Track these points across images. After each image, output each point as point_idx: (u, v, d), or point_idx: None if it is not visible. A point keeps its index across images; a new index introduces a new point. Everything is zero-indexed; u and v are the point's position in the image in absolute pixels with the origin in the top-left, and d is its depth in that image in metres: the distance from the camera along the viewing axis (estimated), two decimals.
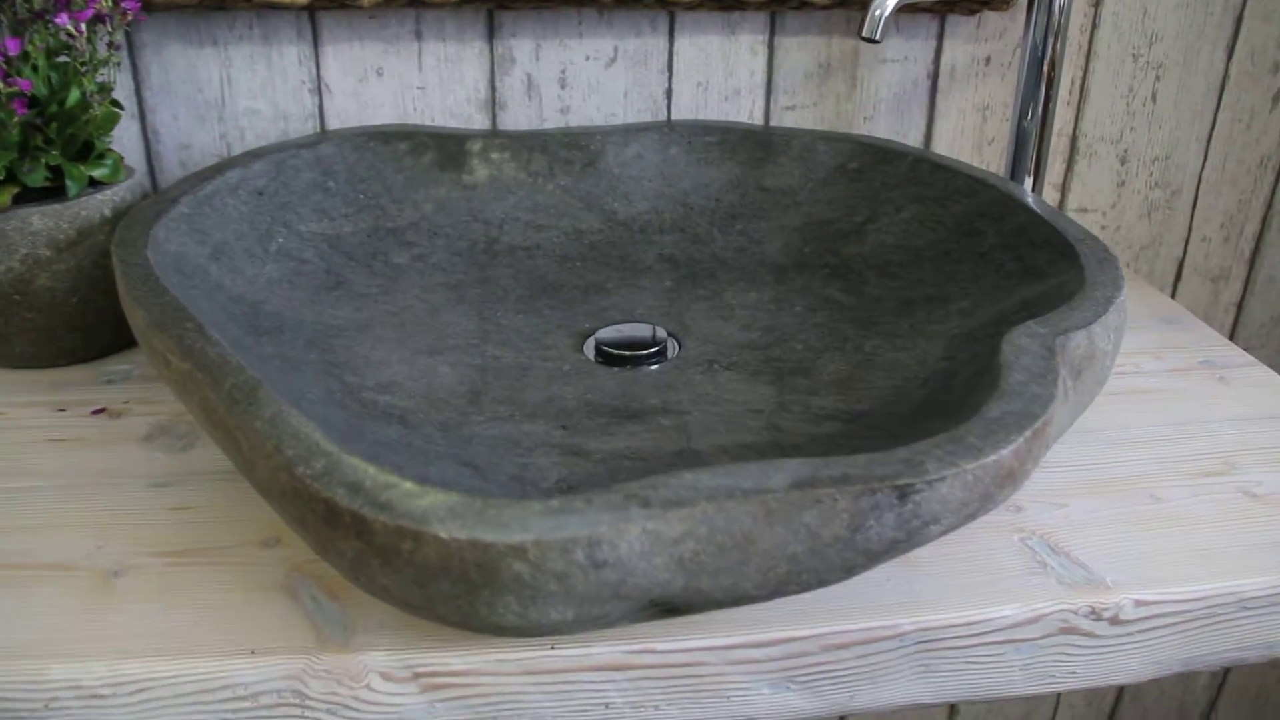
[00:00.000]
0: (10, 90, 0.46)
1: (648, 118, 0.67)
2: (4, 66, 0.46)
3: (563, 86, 0.65)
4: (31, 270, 0.50)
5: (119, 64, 0.53)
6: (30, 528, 0.42)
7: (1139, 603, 0.39)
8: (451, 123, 0.65)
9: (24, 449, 0.47)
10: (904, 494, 0.30)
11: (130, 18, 0.50)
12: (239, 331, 0.44)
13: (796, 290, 0.55)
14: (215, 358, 0.35)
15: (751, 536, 0.29)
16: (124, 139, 0.62)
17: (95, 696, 0.35)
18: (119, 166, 0.53)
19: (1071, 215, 0.74)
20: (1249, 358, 0.58)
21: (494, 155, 0.61)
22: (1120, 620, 0.39)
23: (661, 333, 0.51)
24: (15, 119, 0.47)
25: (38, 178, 0.49)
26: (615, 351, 0.49)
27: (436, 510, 0.28)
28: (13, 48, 0.46)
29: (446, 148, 0.61)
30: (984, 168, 0.71)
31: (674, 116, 0.67)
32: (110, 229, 0.52)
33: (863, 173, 0.61)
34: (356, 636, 0.36)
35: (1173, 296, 0.78)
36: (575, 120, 0.66)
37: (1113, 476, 0.47)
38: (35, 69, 0.49)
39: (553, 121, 0.66)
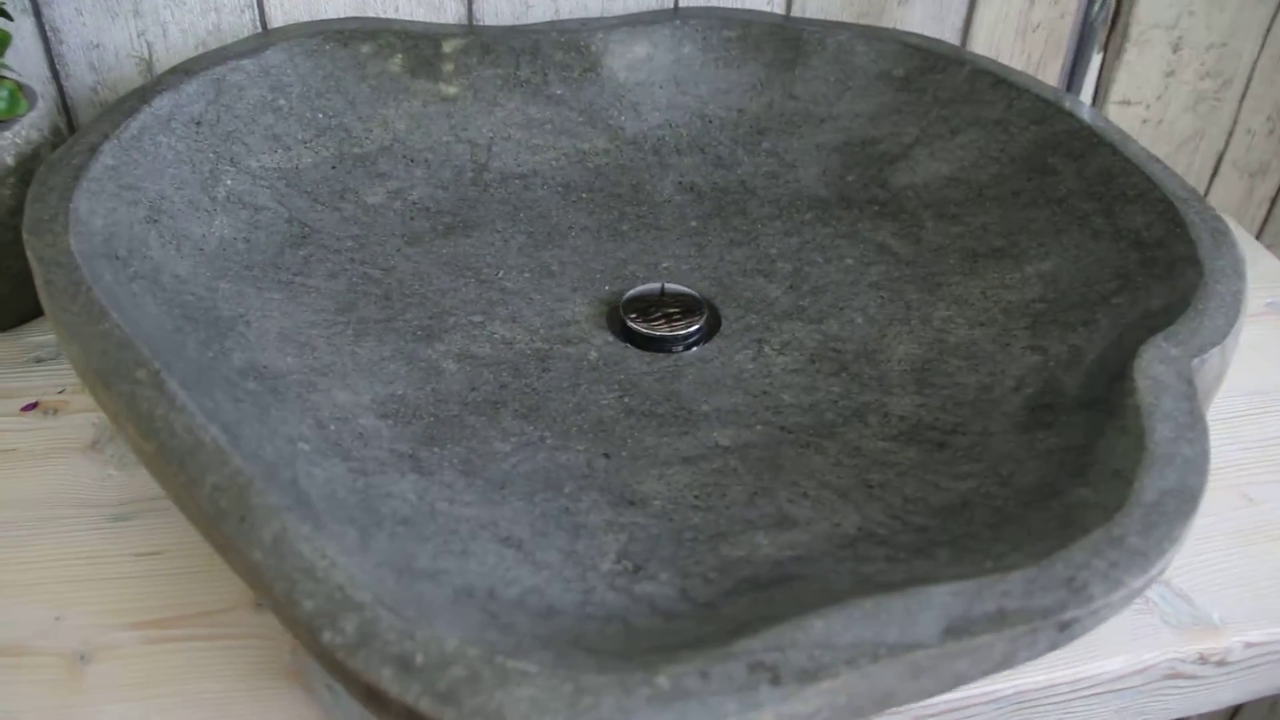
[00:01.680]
0: None
1: (652, 3, 0.56)
2: None
3: None
4: None
5: None
6: None
7: (1248, 644, 0.36)
8: (419, 11, 0.54)
9: None
10: (1065, 626, 0.25)
11: None
12: (201, 336, 0.36)
13: (844, 234, 0.48)
14: (186, 436, 0.28)
15: (893, 694, 0.24)
16: (17, 40, 0.50)
17: None
18: (17, 97, 0.42)
19: (1113, 108, 0.66)
20: None
21: (475, 59, 0.51)
22: (1227, 662, 0.36)
23: (695, 296, 0.44)
24: None
25: None
26: (648, 332, 0.42)
27: (518, 704, 0.22)
28: None
29: (418, 50, 0.50)
30: (1024, 57, 0.63)
31: (683, 2, 0.57)
32: (16, 181, 0.42)
33: (910, 82, 0.52)
34: None
35: (1207, 192, 0.72)
36: (567, 6, 0.55)
37: None
38: None
39: (539, 8, 0.55)
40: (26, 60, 0.51)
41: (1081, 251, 0.43)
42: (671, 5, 0.57)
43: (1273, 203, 0.74)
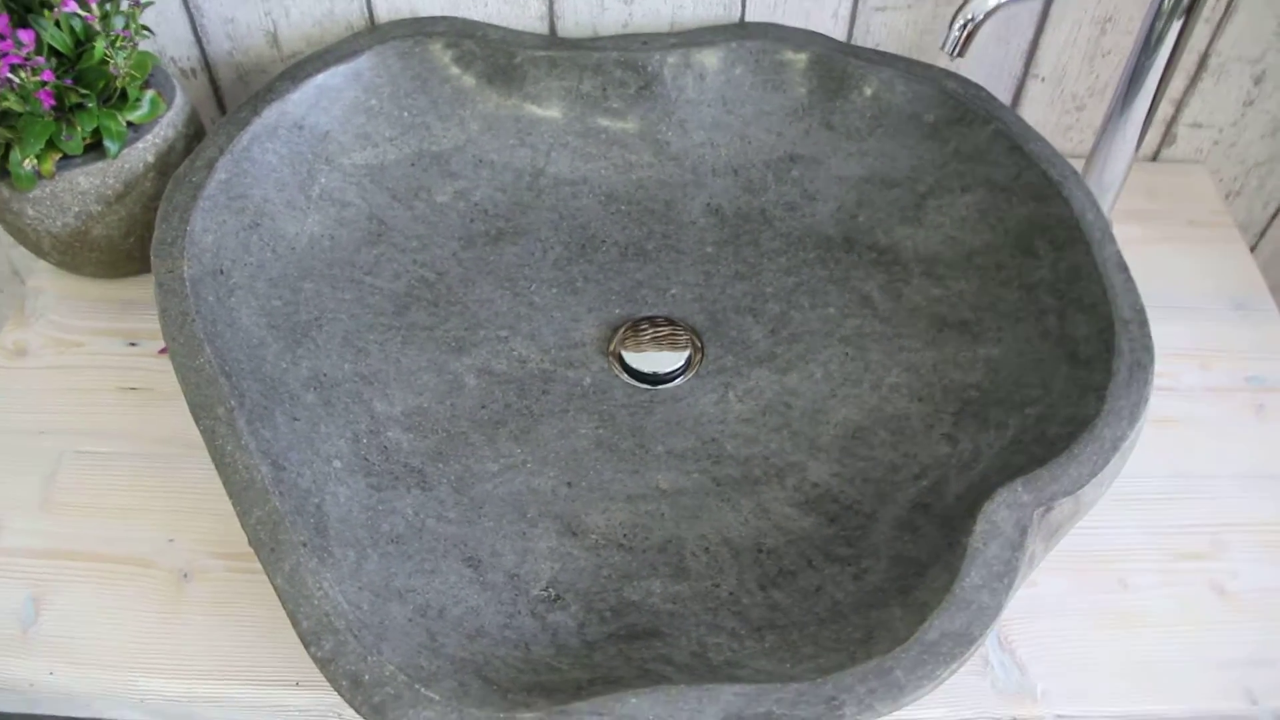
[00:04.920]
0: (35, 82, 0.45)
1: (720, 12, 0.60)
2: (22, 55, 0.44)
3: None
4: (86, 224, 0.52)
5: (136, 14, 0.50)
6: (112, 509, 0.49)
7: (1058, 715, 0.44)
8: (505, 9, 0.60)
9: (100, 399, 0.53)
10: None
11: None
12: (279, 346, 0.47)
13: (836, 280, 0.54)
14: (244, 473, 0.39)
15: None
16: (167, 10, 0.59)
17: (177, 704, 0.44)
18: (158, 102, 0.52)
19: (1183, 129, 0.66)
20: None
21: (544, 71, 0.57)
22: None
23: (685, 349, 0.51)
24: (43, 111, 0.46)
25: (76, 145, 0.49)
26: (638, 367, 0.50)
27: None
28: (26, 38, 0.44)
29: (495, 59, 0.57)
30: (1093, 78, 0.63)
31: (750, 15, 0.60)
32: (156, 174, 0.53)
33: (937, 130, 0.56)
34: None
35: (1278, 211, 0.71)
36: (640, 11, 0.60)
37: (1094, 548, 0.49)
38: (58, 23, 0.47)
39: (615, 11, 0.60)
40: (175, 29, 0.60)
41: (1027, 348, 0.48)
42: (738, 17, 0.60)
43: None
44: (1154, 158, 0.68)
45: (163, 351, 0.55)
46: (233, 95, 0.64)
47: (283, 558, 0.37)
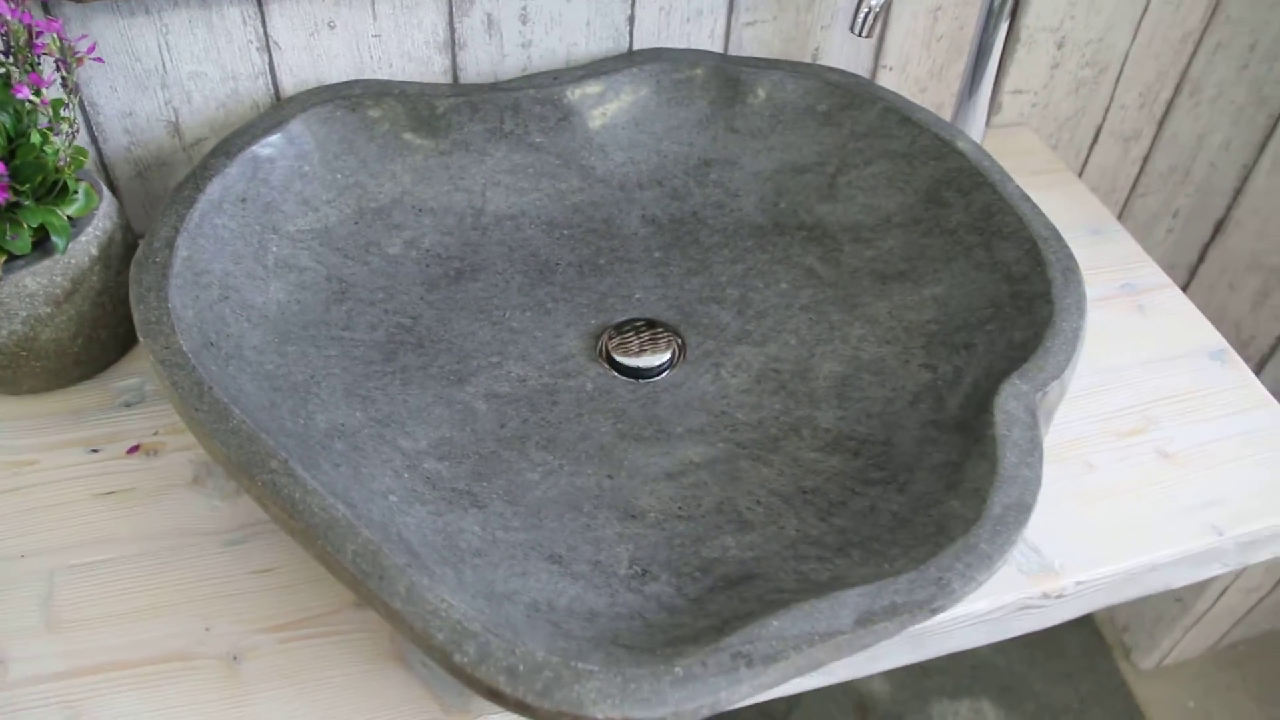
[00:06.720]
0: None
1: (610, 45, 0.65)
2: None
3: (524, 23, 0.62)
4: (34, 329, 0.49)
5: (76, 103, 0.49)
6: (128, 613, 0.46)
7: (1078, 582, 0.50)
8: (410, 67, 0.62)
9: (76, 510, 0.49)
10: (935, 610, 0.38)
11: (85, 59, 0.46)
12: (290, 405, 0.47)
13: (779, 260, 0.59)
14: (322, 514, 0.39)
15: (824, 663, 0.37)
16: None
17: None
18: (92, 194, 0.51)
19: (1007, 97, 0.77)
20: (1164, 278, 0.66)
21: (465, 116, 0.60)
22: (1063, 596, 0.50)
23: (668, 341, 0.55)
24: None
25: (24, 244, 0.47)
26: (631, 364, 0.53)
27: (589, 693, 0.34)
28: None
29: (417, 112, 0.59)
30: (930, 62, 0.73)
31: (636, 43, 0.65)
32: (101, 267, 0.51)
33: (831, 116, 0.62)
34: (474, 700, 0.43)
35: (1087, 157, 0.84)
36: (537, 54, 0.64)
37: (1054, 441, 0.56)
38: None
39: (514, 57, 0.63)
40: None
41: (966, 279, 0.55)
42: (627, 47, 0.65)
43: (1145, 160, 0.87)
44: (985, 124, 0.79)
45: (133, 450, 0.52)
46: (130, 193, 0.62)
47: (395, 581, 0.37)
